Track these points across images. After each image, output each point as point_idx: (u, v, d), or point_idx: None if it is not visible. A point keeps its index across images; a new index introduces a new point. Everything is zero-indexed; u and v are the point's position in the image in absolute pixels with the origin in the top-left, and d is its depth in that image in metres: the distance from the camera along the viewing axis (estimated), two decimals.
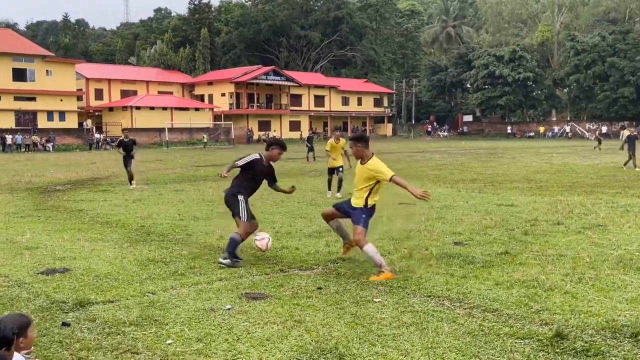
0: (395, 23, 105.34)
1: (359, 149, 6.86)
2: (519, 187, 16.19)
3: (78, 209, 12.93)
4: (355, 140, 6.87)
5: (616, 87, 65.46)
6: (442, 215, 11.02)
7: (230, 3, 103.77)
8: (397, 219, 10.38)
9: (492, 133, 77.82)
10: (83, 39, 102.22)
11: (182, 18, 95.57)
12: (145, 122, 60.82)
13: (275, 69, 74.15)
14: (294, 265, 7.24)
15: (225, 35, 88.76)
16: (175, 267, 7.15)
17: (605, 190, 14.84)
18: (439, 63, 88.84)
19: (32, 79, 56.37)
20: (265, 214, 11.72)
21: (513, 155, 32.85)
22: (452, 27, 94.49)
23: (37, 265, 7.36)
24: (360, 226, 6.69)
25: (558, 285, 6.03)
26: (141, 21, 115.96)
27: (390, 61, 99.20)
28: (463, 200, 13.24)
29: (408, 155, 35.06)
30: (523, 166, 24.50)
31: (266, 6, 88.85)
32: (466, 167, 24.44)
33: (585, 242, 8.25)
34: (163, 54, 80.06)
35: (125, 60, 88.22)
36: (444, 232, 9.21)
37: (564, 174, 20.41)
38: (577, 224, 9.76)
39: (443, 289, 6.04)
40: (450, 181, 18.22)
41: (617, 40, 66.21)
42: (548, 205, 12.15)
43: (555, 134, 71.49)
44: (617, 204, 12.22)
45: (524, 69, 71.45)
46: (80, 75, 62.77)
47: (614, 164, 24.85)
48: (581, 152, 34.64)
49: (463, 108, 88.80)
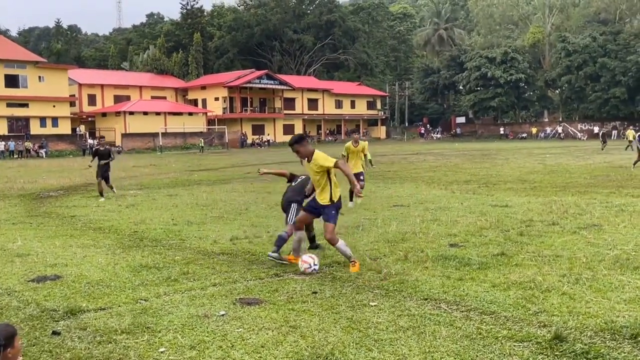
0: (388, 26, 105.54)
1: (302, 149, 7.12)
2: (513, 187, 16.18)
3: (70, 215, 12.82)
4: (296, 143, 7.12)
5: (607, 87, 65.71)
6: (437, 217, 10.96)
7: (223, 7, 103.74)
8: (391, 221, 10.32)
9: (485, 134, 77.99)
10: (75, 45, 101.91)
11: (174, 23, 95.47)
12: (138, 127, 60.63)
13: (269, 72, 74.12)
14: (288, 269, 7.17)
15: (218, 39, 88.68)
16: (169, 273, 7.06)
17: (599, 190, 14.84)
18: (432, 65, 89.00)
19: (24, 85, 56.09)
20: (259, 217, 11.66)
21: (506, 157, 32.89)
22: (444, 30, 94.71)
23: (28, 272, 7.26)
24: (331, 223, 7.02)
25: (555, 287, 5.98)
26: (134, 26, 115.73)
27: (383, 64, 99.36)
28: (458, 202, 13.20)
29: (402, 158, 35.06)
30: (517, 167, 24.51)
31: (259, 10, 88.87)
32: (460, 169, 24.44)
33: (581, 242, 8.21)
34: (156, 58, 79.88)
35: (118, 65, 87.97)
36: (440, 234, 9.16)
37: (557, 174, 20.42)
38: (572, 224, 9.73)
39: (440, 291, 5.98)
40: (444, 183, 18.19)
41: (608, 41, 66.50)
42: (543, 205, 12.12)
43: (548, 134, 71.71)
44: (611, 203, 12.20)
45: (516, 70, 71.66)
46: (72, 81, 62.54)
47: (607, 163, 24.90)
48: (574, 153, 34.70)
49: (456, 110, 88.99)
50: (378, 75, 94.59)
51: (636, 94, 64.58)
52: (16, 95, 55.43)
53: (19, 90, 55.67)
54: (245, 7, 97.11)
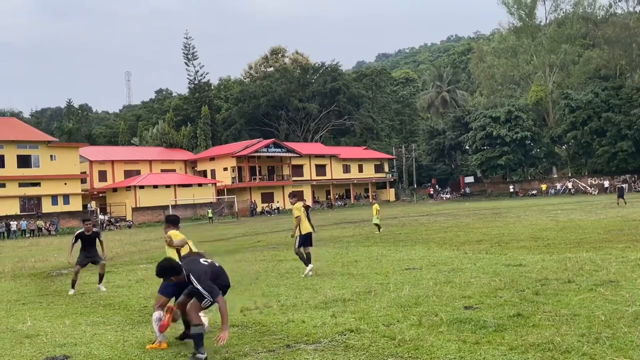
0: (391, 91, 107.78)
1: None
2: (526, 246, 15.98)
3: (80, 292, 12.73)
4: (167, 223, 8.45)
5: (614, 141, 65.91)
6: (450, 278, 10.80)
7: (229, 80, 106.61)
8: (404, 285, 10.17)
9: (495, 193, 77.83)
10: (86, 123, 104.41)
11: (182, 97, 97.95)
12: (149, 200, 61.10)
13: (276, 141, 75.18)
14: (299, 339, 7.02)
15: (225, 111, 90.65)
16: (179, 349, 6.94)
17: (614, 245, 14.62)
18: (437, 127, 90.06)
19: (36, 164, 57.11)
20: (270, 286, 11.52)
21: (518, 214, 32.67)
22: (447, 92, 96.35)
23: (37, 354, 7.15)
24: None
25: (575, 347, 5.81)
26: (143, 103, 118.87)
27: (389, 127, 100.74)
28: (470, 262, 13.02)
29: (412, 219, 34.89)
30: (529, 224, 24.29)
31: (264, 82, 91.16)
32: (471, 228, 24.24)
33: (598, 299, 8.03)
34: (165, 132, 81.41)
35: (128, 141, 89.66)
36: (454, 297, 8.99)
37: (570, 230, 20.19)
38: (588, 281, 9.54)
39: (456, 356, 5.82)
40: (456, 243, 18.02)
41: (611, 96, 67.21)
42: (557, 263, 11.94)
43: (558, 190, 71.47)
44: (627, 258, 12.00)
45: (521, 128, 72.25)
46: (84, 158, 63.61)
47: (620, 217, 24.65)
48: (586, 208, 34.44)
49: (464, 170, 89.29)
50: (384, 139, 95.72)
51: None
52: (28, 175, 56.34)
53: (31, 170, 56.64)
54: (251, 79, 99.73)
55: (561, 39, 76.40)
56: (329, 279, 11.95)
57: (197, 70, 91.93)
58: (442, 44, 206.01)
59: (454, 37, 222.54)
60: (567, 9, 77.42)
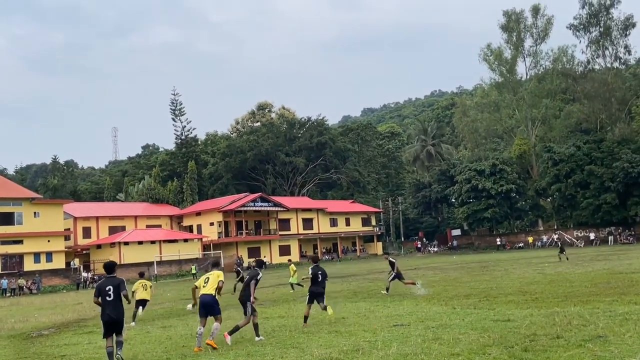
0: (377, 145, 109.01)
1: None
2: (514, 300, 15.89)
3: (61, 354, 12.39)
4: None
5: (598, 193, 66.58)
6: (438, 335, 10.66)
7: (216, 135, 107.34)
8: (392, 343, 10.01)
9: (482, 246, 77.83)
10: (72, 179, 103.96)
11: (169, 152, 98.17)
12: (133, 257, 60.26)
13: (263, 195, 75.12)
14: None
15: (212, 166, 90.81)
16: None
17: (601, 299, 14.58)
18: (423, 180, 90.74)
19: (19, 221, 56.38)
20: (255, 345, 11.28)
21: (505, 267, 32.59)
22: (432, 146, 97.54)
23: None
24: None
25: None
26: (129, 158, 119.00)
27: (375, 181, 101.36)
28: (459, 318, 12.89)
29: None
30: (516, 278, 24.21)
31: (251, 136, 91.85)
32: (459, 282, 24.10)
33: (587, 355, 7.94)
34: (151, 188, 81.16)
35: (113, 197, 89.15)
36: (442, 354, 8.85)
37: (558, 283, 20.14)
38: (577, 336, 9.46)
39: None
40: (444, 298, 17.87)
41: (592, 149, 68.33)
42: (545, 318, 11.85)
43: (544, 243, 71.61)
44: (614, 312, 11.95)
45: (506, 181, 72.98)
46: (68, 215, 62.97)
47: (606, 270, 24.67)
48: (573, 260, 34.47)
49: (450, 222, 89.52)
50: (371, 192, 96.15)
51: (627, 198, 65.34)
52: (11, 233, 55.49)
53: (13, 228, 55.85)
54: (238, 134, 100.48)
55: (542, 93, 78.15)
56: (316, 336, 11.75)
57: (184, 126, 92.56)
58: (426, 99, 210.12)
59: (437, 92, 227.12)
60: (547, 65, 79.38)
